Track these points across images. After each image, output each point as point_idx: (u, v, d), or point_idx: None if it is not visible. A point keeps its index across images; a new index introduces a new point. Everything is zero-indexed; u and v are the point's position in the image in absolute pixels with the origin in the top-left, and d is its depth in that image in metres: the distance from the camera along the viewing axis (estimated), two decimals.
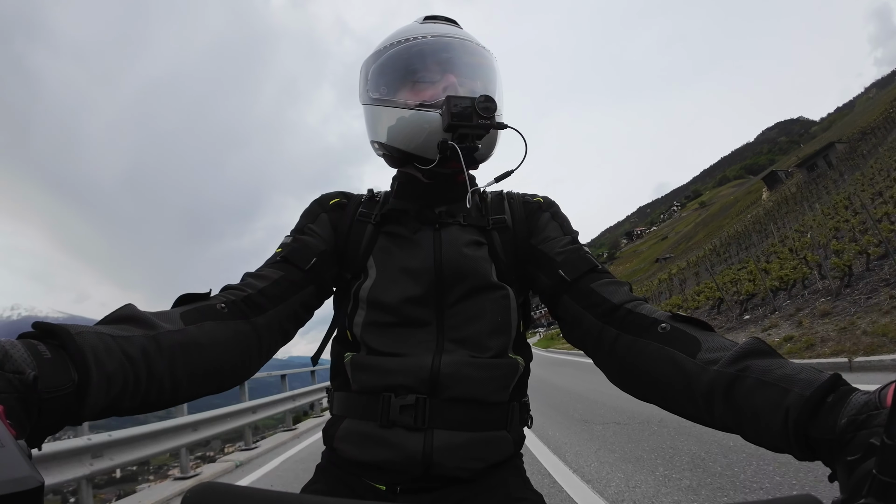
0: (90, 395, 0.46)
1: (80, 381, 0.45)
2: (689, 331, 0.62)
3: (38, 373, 0.41)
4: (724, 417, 0.54)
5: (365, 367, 0.75)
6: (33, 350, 0.43)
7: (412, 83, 0.83)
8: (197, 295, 0.69)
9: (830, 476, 0.43)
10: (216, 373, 0.64)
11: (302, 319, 0.81)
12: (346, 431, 0.75)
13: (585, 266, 0.78)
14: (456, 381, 0.72)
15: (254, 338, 0.70)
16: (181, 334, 0.59)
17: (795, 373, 0.48)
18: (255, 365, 0.72)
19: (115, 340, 0.50)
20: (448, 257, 0.79)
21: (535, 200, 0.90)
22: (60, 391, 0.43)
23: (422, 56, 0.83)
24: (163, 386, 0.56)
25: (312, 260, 0.80)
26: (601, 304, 0.72)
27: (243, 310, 0.70)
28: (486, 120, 0.74)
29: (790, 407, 0.46)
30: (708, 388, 0.55)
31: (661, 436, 4.67)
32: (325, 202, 0.88)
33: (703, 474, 3.41)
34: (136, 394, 0.52)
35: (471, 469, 0.72)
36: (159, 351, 0.55)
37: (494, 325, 0.78)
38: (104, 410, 0.49)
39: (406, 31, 0.86)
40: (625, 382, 0.70)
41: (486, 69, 0.86)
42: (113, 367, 0.49)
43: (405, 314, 0.77)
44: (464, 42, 0.84)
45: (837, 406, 0.43)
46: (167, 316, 0.61)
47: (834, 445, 0.42)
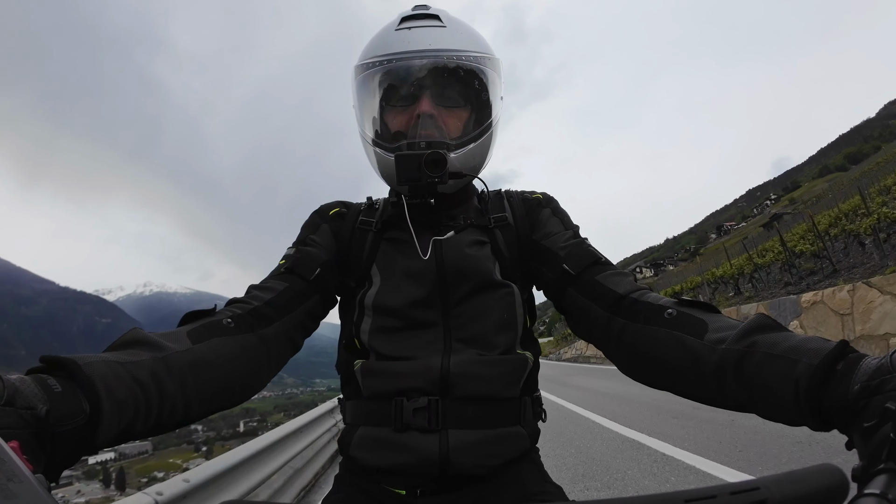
0: (103, 423, 0.46)
1: (91, 411, 0.45)
2: (695, 314, 0.63)
3: (50, 406, 0.41)
4: (737, 394, 0.54)
5: (375, 372, 0.76)
6: (43, 384, 0.42)
7: (385, 110, 0.83)
8: (203, 312, 0.69)
9: (847, 444, 0.43)
10: (227, 389, 0.64)
11: (309, 329, 0.82)
12: (361, 439, 0.75)
13: (589, 259, 0.78)
14: (466, 380, 0.73)
15: (262, 350, 0.71)
16: (189, 354, 0.59)
17: (802, 343, 0.48)
18: (266, 377, 0.73)
19: (123, 367, 0.50)
20: (450, 258, 0.80)
21: (535, 197, 0.91)
22: (73, 423, 0.43)
23: (389, 84, 0.82)
24: (175, 407, 0.56)
25: (317, 270, 0.81)
26: (607, 294, 0.73)
27: (250, 323, 0.71)
28: (433, 178, 0.74)
29: (800, 377, 0.46)
30: (717, 366, 0.55)
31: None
32: (325, 213, 0.89)
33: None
34: (148, 417, 0.52)
35: (488, 466, 0.72)
36: (169, 372, 0.55)
37: (500, 322, 0.79)
38: (118, 437, 0.49)
39: (378, 44, 0.82)
40: (635, 371, 0.70)
41: (464, 86, 0.82)
42: (124, 394, 0.49)
43: (411, 317, 0.78)
44: (437, 58, 0.79)
45: (848, 373, 0.43)
46: (174, 336, 0.61)
47: (848, 412, 0.42)
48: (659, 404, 6.79)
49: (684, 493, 0.28)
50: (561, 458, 4.70)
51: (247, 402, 0.75)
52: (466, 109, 0.83)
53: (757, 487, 0.28)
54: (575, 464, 4.41)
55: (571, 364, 22.91)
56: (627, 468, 4.05)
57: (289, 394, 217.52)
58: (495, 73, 0.85)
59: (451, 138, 0.79)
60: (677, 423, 5.49)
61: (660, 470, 3.88)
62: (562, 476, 4.08)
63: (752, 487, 0.28)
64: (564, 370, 18.08)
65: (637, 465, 4.09)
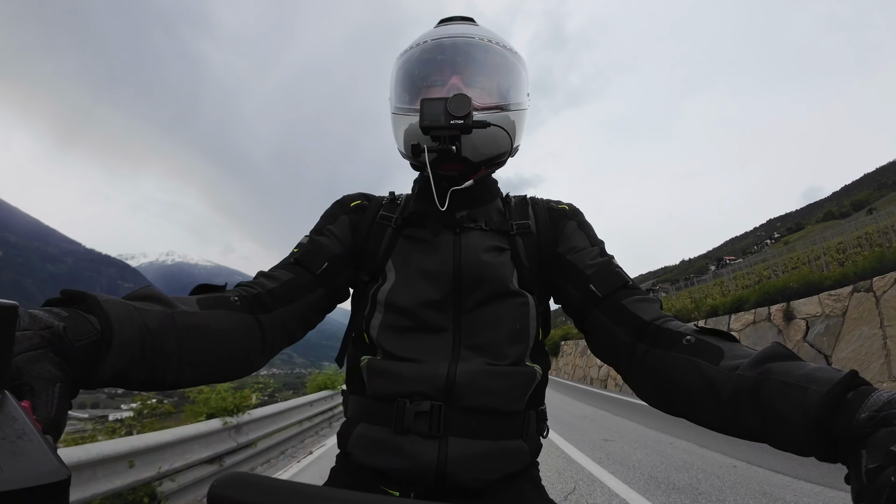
0: (111, 352, 0.47)
1: (102, 333, 0.47)
2: (712, 341, 0.63)
3: (66, 324, 0.43)
4: (751, 423, 0.53)
5: (381, 372, 0.74)
6: (51, 311, 0.44)
7: (420, 89, 0.83)
8: (213, 286, 0.70)
9: (847, 477, 0.42)
10: (220, 361, 0.65)
11: (311, 322, 0.81)
12: (359, 436, 0.74)
13: (618, 282, 0.76)
14: (472, 390, 0.71)
15: (258, 334, 0.70)
16: (195, 317, 0.61)
17: (814, 372, 0.48)
18: (258, 361, 0.72)
19: (137, 310, 0.52)
20: (467, 262, 0.78)
21: (560, 207, 0.89)
22: (86, 338, 0.45)
23: (425, 61, 0.83)
24: (169, 364, 0.57)
25: (324, 264, 0.79)
26: (633, 321, 0.72)
27: (252, 306, 0.71)
28: (458, 120, 0.72)
29: (809, 406, 0.45)
30: (732, 393, 0.55)
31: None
32: (346, 204, 0.88)
33: None
34: (144, 366, 0.53)
35: (485, 479, 0.70)
36: (174, 328, 0.57)
37: (512, 332, 0.76)
38: (113, 378, 0.50)
39: (419, 37, 0.86)
40: (653, 396, 0.69)
41: (493, 65, 0.84)
42: (132, 334, 0.50)
43: (422, 318, 0.76)
44: (469, 41, 0.82)
45: (857, 403, 0.43)
46: (184, 300, 0.63)
47: (852, 442, 0.41)
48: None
49: None
50: None
51: (257, 379, 0.70)
52: (493, 93, 0.82)
53: None
54: None
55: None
56: None
57: (297, 373, 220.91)
58: (522, 68, 0.87)
59: (478, 105, 0.79)
60: None
61: None
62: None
63: None
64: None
65: None
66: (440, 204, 0.79)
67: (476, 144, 0.78)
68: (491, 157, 0.82)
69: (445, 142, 0.74)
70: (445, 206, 0.79)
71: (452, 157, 0.75)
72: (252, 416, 5.26)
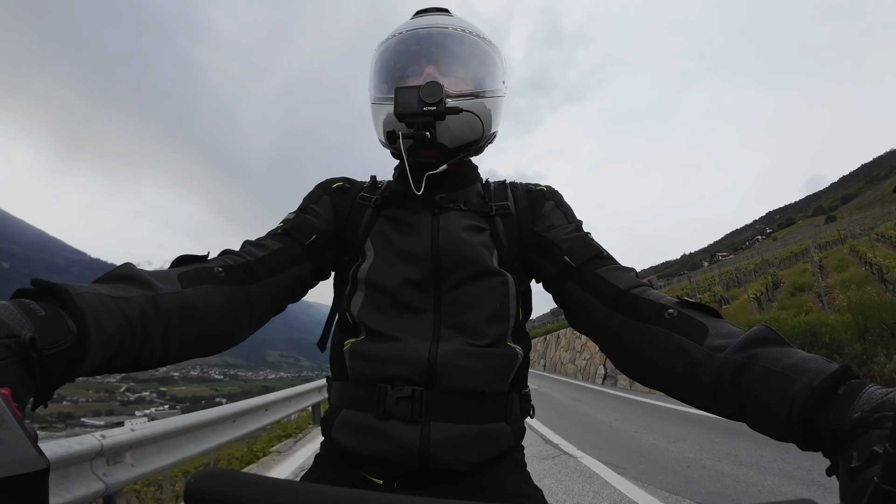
0: (88, 353, 0.46)
1: (78, 339, 0.45)
2: (696, 317, 0.61)
3: (35, 332, 0.41)
4: (730, 405, 0.53)
5: (363, 355, 0.75)
6: (26, 309, 0.42)
7: (396, 79, 0.84)
8: (195, 257, 0.69)
9: (828, 469, 0.43)
10: (207, 338, 0.65)
11: (297, 294, 0.82)
12: (342, 422, 0.75)
13: (591, 252, 0.77)
14: (453, 372, 0.72)
15: (246, 305, 0.71)
16: (178, 297, 0.60)
17: (804, 362, 0.47)
18: (245, 332, 0.73)
19: (114, 301, 0.51)
20: (445, 242, 0.79)
21: (539, 189, 0.90)
22: (60, 345, 0.43)
23: (401, 52, 0.85)
24: (154, 347, 0.56)
25: (312, 236, 0.80)
26: (607, 289, 0.72)
27: (240, 276, 0.71)
28: (431, 107, 0.74)
29: (796, 397, 0.45)
30: (714, 375, 0.54)
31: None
32: (329, 185, 0.89)
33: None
34: (129, 353, 0.53)
35: (468, 462, 0.71)
36: (157, 313, 0.56)
37: (492, 311, 0.77)
38: (98, 368, 0.50)
39: (395, 28, 0.88)
40: (631, 369, 0.69)
41: (468, 54, 0.85)
42: (112, 328, 0.49)
43: (402, 298, 0.77)
44: (443, 31, 0.84)
45: (849, 398, 0.42)
46: (165, 276, 0.61)
47: (841, 438, 0.41)
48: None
49: None
50: None
51: (266, 381, 0.85)
52: (468, 81, 0.84)
53: None
54: None
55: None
56: None
57: (305, 376, 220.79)
58: (496, 56, 0.89)
59: (452, 93, 0.81)
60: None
61: None
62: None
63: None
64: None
65: None
66: (416, 188, 0.81)
67: (451, 131, 0.80)
68: (467, 142, 0.84)
69: (420, 128, 0.76)
70: (422, 189, 0.81)
71: (428, 144, 0.77)
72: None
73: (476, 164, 0.93)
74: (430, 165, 0.82)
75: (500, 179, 0.94)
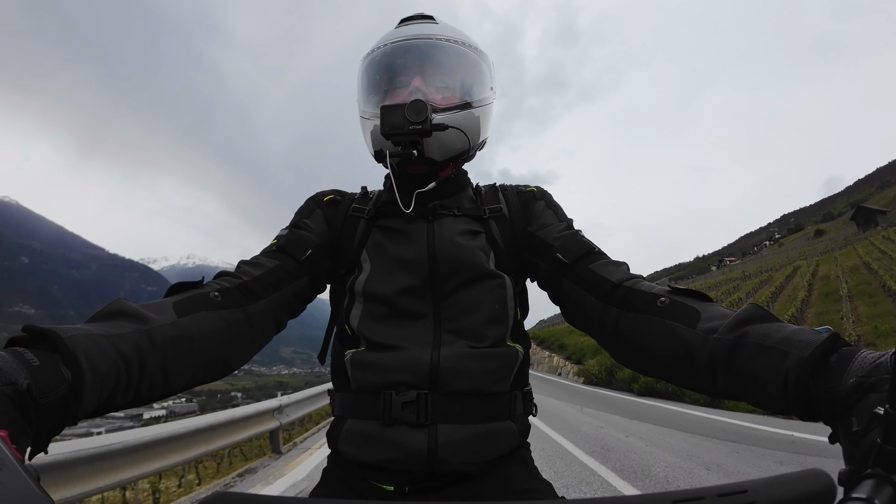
0: (85, 395, 0.46)
1: (73, 383, 0.45)
2: (688, 302, 0.63)
3: (31, 380, 0.41)
4: (728, 385, 0.55)
5: (364, 364, 0.75)
6: (20, 358, 0.42)
7: (382, 92, 0.86)
8: (190, 284, 0.69)
9: (831, 437, 0.43)
10: (208, 364, 0.64)
11: (295, 310, 0.81)
12: (348, 433, 0.75)
13: (583, 249, 0.79)
14: (456, 375, 0.72)
15: (246, 327, 0.70)
16: (173, 328, 0.59)
17: (794, 335, 0.48)
18: (248, 354, 0.72)
19: (107, 339, 0.50)
20: (441, 248, 0.80)
21: (529, 190, 0.92)
22: (55, 393, 0.43)
23: (386, 65, 0.86)
24: (154, 381, 0.56)
25: (308, 251, 0.81)
26: (601, 284, 0.73)
27: (237, 297, 0.70)
28: (417, 125, 0.75)
29: (790, 369, 0.46)
30: (709, 357, 0.56)
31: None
32: (320, 199, 0.90)
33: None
34: (128, 391, 0.52)
35: (477, 463, 0.71)
36: (152, 346, 0.55)
37: (492, 314, 0.78)
38: (98, 409, 0.50)
39: (380, 39, 0.89)
40: (630, 360, 0.71)
41: (454, 64, 0.86)
42: (106, 368, 0.48)
43: (401, 306, 0.77)
44: (428, 41, 0.84)
45: (842, 366, 0.43)
46: (160, 307, 0.61)
47: (838, 406, 0.42)
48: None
49: (672, 494, 0.28)
50: None
51: (279, 377, 37.40)
52: (455, 92, 0.85)
53: (745, 490, 0.28)
54: None
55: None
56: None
57: (317, 372, 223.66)
58: (483, 63, 0.90)
59: (438, 107, 0.81)
60: None
61: None
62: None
63: (739, 490, 0.28)
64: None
65: None
66: (404, 207, 0.81)
67: (439, 145, 0.80)
68: (455, 155, 0.85)
69: (406, 147, 0.77)
70: (411, 208, 0.81)
71: (417, 159, 0.78)
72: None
73: (466, 170, 0.94)
74: (420, 178, 0.84)
75: (491, 183, 0.96)
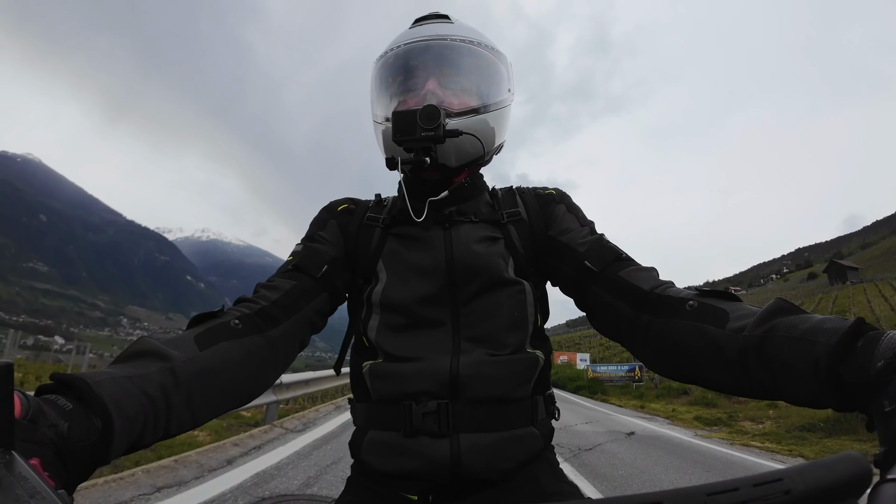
0: (115, 440, 0.46)
1: (103, 429, 0.45)
2: (716, 304, 0.63)
3: (70, 424, 0.42)
4: (761, 381, 0.54)
5: (383, 375, 0.75)
6: (54, 405, 0.43)
7: (396, 95, 0.84)
8: (211, 314, 0.69)
9: (868, 425, 0.42)
10: (233, 394, 0.65)
11: (317, 326, 0.81)
12: (370, 443, 0.75)
13: (611, 255, 0.78)
14: (476, 382, 0.72)
15: (269, 352, 0.70)
16: (196, 363, 0.59)
17: (820, 324, 0.48)
18: (273, 376, 0.73)
19: (132, 381, 0.51)
20: (459, 255, 0.79)
21: (548, 193, 0.91)
22: (88, 439, 0.44)
23: (400, 67, 0.84)
24: (182, 417, 0.56)
25: (324, 267, 0.80)
26: (632, 291, 0.72)
27: (258, 324, 0.70)
28: (430, 132, 0.73)
29: (819, 358, 0.46)
30: (739, 354, 0.55)
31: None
32: (334, 209, 0.89)
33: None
34: (157, 429, 0.53)
35: (501, 469, 0.71)
36: (176, 384, 0.55)
37: (511, 320, 0.77)
38: (128, 449, 0.51)
39: (393, 40, 0.87)
40: (661, 365, 0.69)
41: (469, 65, 0.84)
42: (134, 411, 0.49)
43: (419, 315, 0.77)
44: (442, 42, 0.83)
45: (869, 349, 0.43)
46: (181, 342, 0.61)
47: (870, 389, 0.41)
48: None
49: (706, 487, 0.27)
50: None
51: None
52: (471, 94, 0.83)
53: (780, 478, 0.27)
54: None
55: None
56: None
57: (318, 356, 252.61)
58: (500, 63, 0.88)
59: (453, 111, 0.80)
60: None
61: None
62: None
63: (775, 478, 0.27)
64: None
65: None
66: (416, 215, 0.80)
67: (453, 151, 0.79)
68: (469, 161, 0.83)
69: (419, 153, 0.75)
70: (423, 217, 0.80)
71: (431, 166, 0.76)
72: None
73: (482, 173, 0.92)
74: (433, 184, 0.82)
75: (507, 186, 0.94)
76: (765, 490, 0.27)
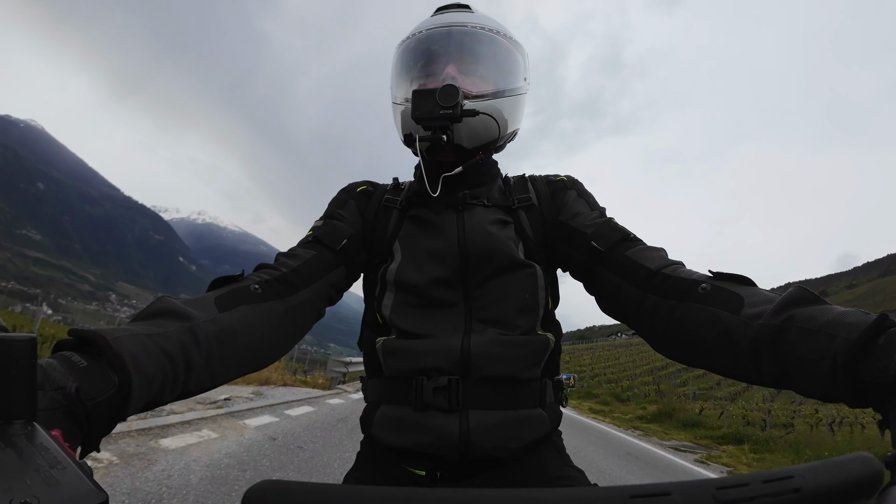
0: (132, 396, 0.46)
1: (121, 385, 0.45)
2: (730, 288, 0.60)
3: (79, 383, 0.41)
4: (772, 371, 0.53)
5: (396, 351, 0.76)
6: (67, 363, 0.43)
7: (416, 79, 0.87)
8: (231, 277, 0.69)
9: (880, 423, 0.41)
10: (252, 357, 0.66)
11: (333, 299, 0.83)
12: (381, 417, 0.76)
13: (618, 235, 0.77)
14: (487, 361, 0.73)
15: (288, 318, 0.71)
16: (216, 324, 0.59)
17: (841, 317, 0.46)
18: (290, 343, 0.74)
19: (152, 339, 0.51)
20: (472, 237, 0.80)
21: (559, 179, 0.91)
22: (102, 395, 0.43)
23: (421, 51, 0.87)
24: (200, 377, 0.57)
25: (343, 241, 0.82)
26: (638, 271, 0.71)
27: (277, 290, 0.71)
28: (448, 110, 0.75)
29: (837, 352, 0.44)
30: (753, 343, 0.53)
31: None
32: (353, 190, 0.91)
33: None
34: (175, 387, 0.53)
35: (509, 448, 0.71)
36: (196, 344, 0.56)
37: (522, 303, 0.78)
38: (146, 406, 0.51)
39: (416, 26, 0.90)
40: (669, 349, 0.68)
41: (488, 53, 0.86)
42: (153, 368, 0.49)
43: (432, 296, 0.78)
44: (463, 29, 0.85)
45: (889, 348, 0.41)
46: (201, 303, 0.61)
47: (886, 390, 0.40)
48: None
49: (716, 481, 0.27)
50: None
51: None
52: (488, 80, 0.86)
53: (790, 476, 0.27)
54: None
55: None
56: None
57: (303, 349, 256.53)
58: (518, 53, 0.90)
59: (470, 94, 0.82)
60: None
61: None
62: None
63: (785, 476, 0.27)
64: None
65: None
66: (432, 190, 0.81)
67: (468, 132, 0.81)
68: (484, 143, 0.85)
69: (436, 131, 0.77)
70: (437, 192, 0.81)
71: (446, 146, 0.78)
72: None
73: (496, 160, 0.94)
74: (448, 165, 0.84)
75: (520, 174, 0.95)
76: (774, 487, 0.27)
